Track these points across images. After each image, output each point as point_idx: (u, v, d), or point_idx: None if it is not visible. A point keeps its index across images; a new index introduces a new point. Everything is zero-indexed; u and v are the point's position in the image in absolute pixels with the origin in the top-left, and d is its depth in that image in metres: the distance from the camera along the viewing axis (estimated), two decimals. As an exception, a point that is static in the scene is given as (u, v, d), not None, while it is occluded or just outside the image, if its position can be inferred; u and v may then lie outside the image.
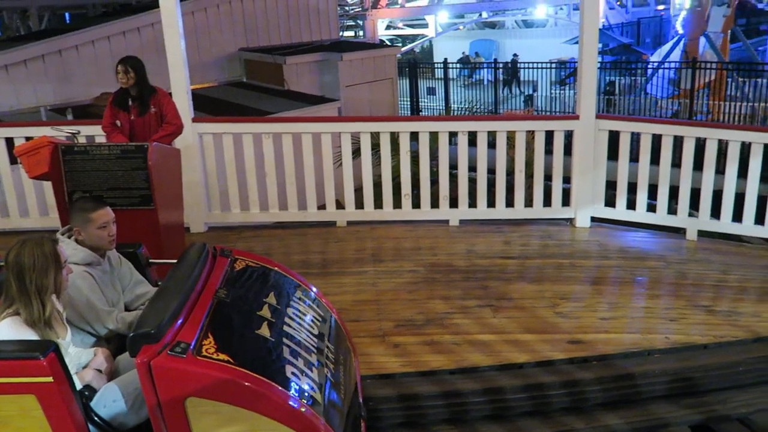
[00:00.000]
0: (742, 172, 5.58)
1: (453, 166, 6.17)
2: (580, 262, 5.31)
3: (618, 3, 32.33)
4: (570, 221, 6.21)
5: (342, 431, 2.43)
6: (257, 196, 6.13)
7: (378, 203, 6.24)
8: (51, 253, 2.51)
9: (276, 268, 3.01)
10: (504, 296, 4.66)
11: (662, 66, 18.54)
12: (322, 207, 6.25)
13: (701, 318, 4.32)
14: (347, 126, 6.28)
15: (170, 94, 5.35)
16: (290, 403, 2.22)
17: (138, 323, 2.29)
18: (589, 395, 3.66)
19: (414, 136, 6.21)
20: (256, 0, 12.53)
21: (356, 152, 6.25)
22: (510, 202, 6.20)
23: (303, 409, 2.24)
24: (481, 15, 28.52)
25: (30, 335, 2.43)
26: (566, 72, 19.98)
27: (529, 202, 6.24)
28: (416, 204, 6.29)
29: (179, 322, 2.32)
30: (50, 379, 2.16)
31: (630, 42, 25.87)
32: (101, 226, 3.00)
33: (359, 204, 6.23)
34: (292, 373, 2.34)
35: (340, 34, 16.16)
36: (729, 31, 20.70)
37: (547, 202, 6.17)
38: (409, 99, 18.31)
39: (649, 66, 19.80)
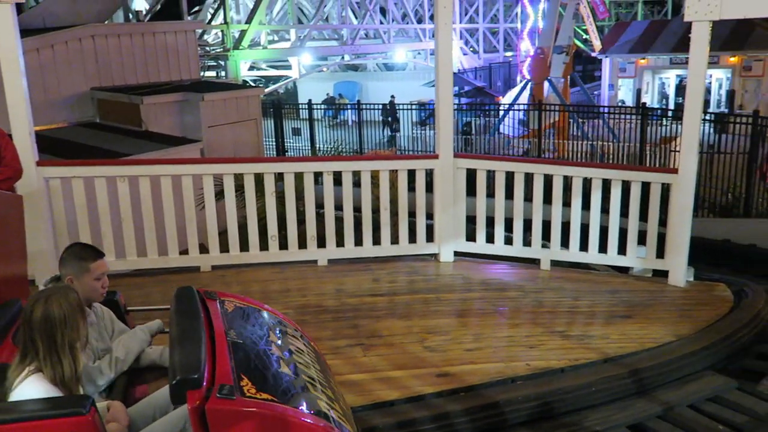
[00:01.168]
0: (586, 204, 6.07)
1: (319, 206, 6.18)
2: (445, 296, 5.47)
3: (471, 49, 34.48)
4: (435, 256, 6.40)
5: None
6: (113, 244, 5.76)
7: (244, 246, 6.08)
8: (77, 303, 2.38)
9: (259, 307, 3.05)
10: (374, 334, 4.67)
11: (513, 108, 19.92)
12: (184, 252, 5.99)
13: (558, 343, 4.58)
14: (209, 168, 6.10)
15: (10, 135, 4.93)
16: None
17: (174, 370, 2.22)
18: (458, 427, 3.73)
19: (280, 177, 6.16)
20: (109, 38, 12.00)
21: (220, 194, 6.09)
22: (377, 240, 6.30)
23: None
24: (343, 58, 29.21)
25: (55, 393, 2.26)
26: (426, 113, 20.85)
27: (395, 240, 6.36)
28: (283, 245, 6.20)
29: (208, 366, 2.30)
30: None
31: (483, 85, 27.62)
32: (97, 278, 2.87)
33: (224, 247, 6.04)
34: (324, 407, 2.40)
35: (202, 74, 15.83)
36: (568, 77, 22.72)
37: (413, 238, 6.33)
38: (274, 140, 18.22)
39: (501, 108, 21.19)
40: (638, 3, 43.11)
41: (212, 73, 24.75)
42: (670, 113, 18.87)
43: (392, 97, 23.63)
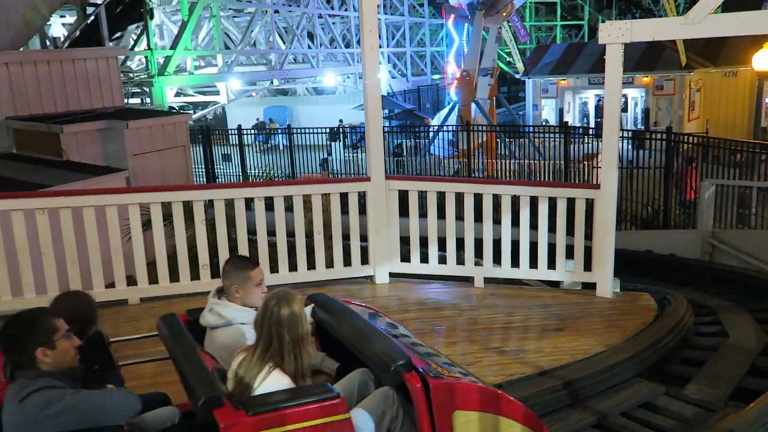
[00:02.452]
0: (516, 221, 6.22)
1: (252, 232, 6.08)
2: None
3: (399, 72, 35.02)
4: (370, 278, 6.40)
5: None
6: (32, 279, 5.48)
7: (174, 276, 5.91)
8: (300, 302, 2.67)
9: (349, 304, 3.30)
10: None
11: (442, 129, 20.29)
12: (111, 285, 5.76)
13: (494, 359, 4.64)
14: (135, 197, 5.92)
15: None
16: (519, 404, 2.72)
17: (385, 358, 2.54)
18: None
19: (210, 204, 6.03)
20: (24, 65, 11.51)
21: (147, 224, 5.90)
22: (311, 265, 6.24)
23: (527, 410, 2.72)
24: (272, 82, 29.09)
25: (292, 386, 2.54)
26: (357, 136, 20.97)
27: (330, 263, 6.33)
28: (215, 274, 6.05)
29: None
30: (347, 415, 2.38)
31: (413, 107, 28.02)
32: (257, 284, 3.11)
33: (153, 278, 5.85)
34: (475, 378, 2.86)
35: (125, 101, 15.41)
36: (494, 98, 23.38)
37: (347, 261, 6.31)
38: (203, 166, 17.89)
39: (431, 129, 21.54)
40: (557, 27, 44.97)
41: (137, 100, 24.12)
42: (591, 131, 19.70)
43: (340, 120, 23.77)
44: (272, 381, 2.51)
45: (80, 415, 2.47)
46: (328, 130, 20.01)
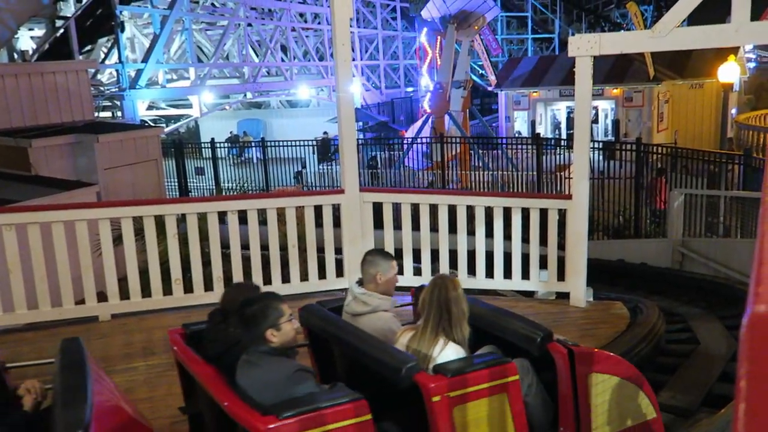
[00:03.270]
0: (490, 232, 6.26)
1: (225, 246, 6.03)
2: (357, 331, 5.43)
3: (373, 85, 35.18)
4: (345, 291, 6.36)
5: None
6: (-1, 297, 5.36)
7: (146, 291, 5.82)
8: (460, 285, 3.19)
9: None
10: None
11: (416, 141, 20.40)
12: (81, 302, 5.66)
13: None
14: (105, 211, 5.82)
15: None
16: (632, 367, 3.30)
17: (528, 332, 3.08)
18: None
19: (183, 218, 5.97)
20: (-9, 79, 11.33)
21: (118, 239, 5.82)
22: (286, 278, 6.20)
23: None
24: (245, 95, 29.01)
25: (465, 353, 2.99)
26: (332, 148, 20.99)
27: (304, 276, 6.29)
28: (189, 288, 5.99)
29: None
30: (516, 377, 2.74)
31: (387, 120, 28.17)
32: (396, 273, 3.58)
33: (124, 294, 5.76)
34: None
35: (96, 114, 15.23)
36: (467, 110, 23.61)
37: (322, 274, 6.28)
38: (176, 180, 17.72)
39: (405, 141, 21.65)
40: (528, 40, 45.65)
41: (108, 114, 23.87)
42: (562, 143, 19.97)
43: (325, 133, 23.76)
44: (452, 350, 2.97)
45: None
46: (315, 143, 19.96)
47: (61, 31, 17.38)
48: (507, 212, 6.22)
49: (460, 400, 2.60)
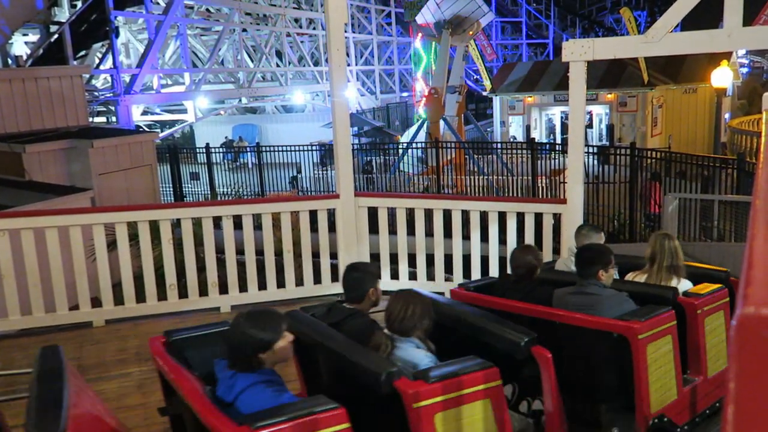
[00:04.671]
0: (485, 236, 6.27)
1: (220, 251, 6.02)
2: (353, 336, 5.42)
3: (368, 90, 35.23)
4: (341, 296, 6.36)
5: None
6: (-8, 303, 5.34)
7: (141, 297, 5.81)
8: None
9: None
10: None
11: (411, 146, 20.42)
12: (75, 307, 5.64)
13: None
14: (99, 217, 5.82)
15: None
16: None
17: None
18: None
19: (178, 223, 5.96)
20: (-15, 84, 11.31)
21: (113, 244, 5.80)
22: (281, 283, 6.19)
23: None
24: (240, 100, 29.01)
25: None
26: (326, 153, 20.99)
27: (300, 281, 6.29)
28: (183, 294, 5.98)
29: None
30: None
31: (382, 125, 28.18)
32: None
33: (119, 300, 5.74)
34: None
35: (91, 120, 15.20)
36: (462, 115, 23.65)
37: (318, 279, 6.28)
38: (171, 185, 17.70)
39: (400, 146, 21.67)
40: (522, 45, 45.81)
41: (102, 119, 23.83)
42: (557, 147, 20.02)
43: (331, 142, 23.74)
44: (689, 283, 4.08)
45: None
46: (322, 148, 19.97)
47: (56, 36, 17.35)
48: (502, 217, 6.23)
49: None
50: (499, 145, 20.99)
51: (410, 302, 3.07)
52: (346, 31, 6.23)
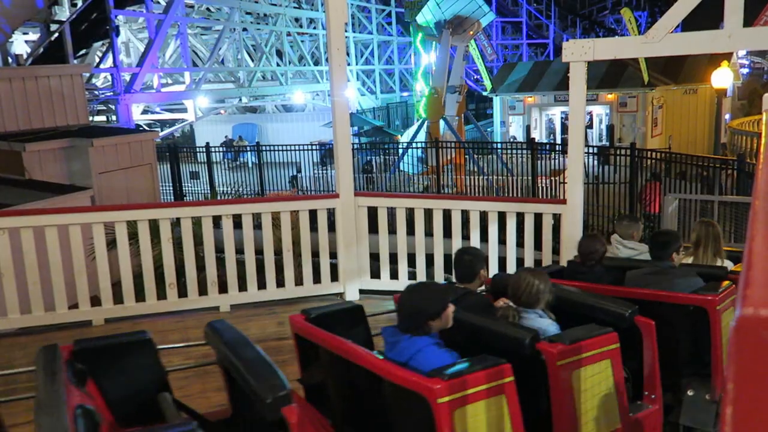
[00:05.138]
0: (485, 236, 6.27)
1: (220, 250, 6.02)
2: (352, 335, 5.42)
3: (368, 90, 35.22)
4: (340, 296, 6.37)
5: None
6: (-8, 301, 5.34)
7: (140, 296, 5.81)
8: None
9: None
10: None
11: (411, 146, 20.41)
12: (74, 306, 5.64)
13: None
14: (99, 215, 5.83)
15: None
16: None
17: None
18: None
19: (178, 222, 5.96)
20: (-15, 83, 11.30)
21: (112, 243, 5.80)
22: (281, 282, 6.19)
23: None
24: (240, 100, 29.01)
25: None
26: (325, 152, 21.00)
27: (299, 281, 6.29)
28: (183, 293, 5.98)
29: None
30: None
31: (382, 124, 28.18)
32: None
33: (118, 299, 5.74)
34: None
35: (91, 119, 15.19)
36: (462, 115, 23.64)
37: (317, 278, 6.27)
38: (171, 184, 17.69)
39: (400, 146, 21.67)
40: (523, 45, 45.80)
41: (102, 118, 23.82)
42: (557, 147, 20.02)
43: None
44: (729, 262, 4.56)
45: None
46: (322, 148, 19.96)
47: (56, 35, 17.33)
48: (502, 217, 6.23)
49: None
50: (499, 145, 20.98)
51: (536, 278, 3.45)
52: (346, 31, 6.23)
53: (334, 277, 6.32)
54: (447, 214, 6.32)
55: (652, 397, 3.47)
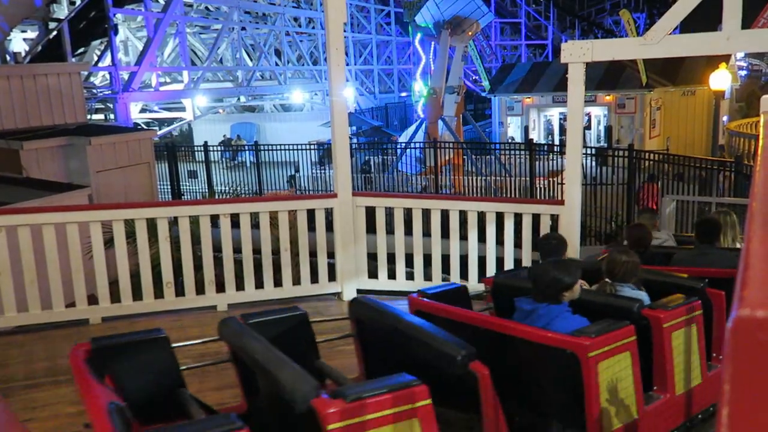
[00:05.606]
0: (482, 237, 6.27)
1: (217, 249, 6.01)
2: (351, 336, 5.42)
3: (366, 90, 35.22)
4: (338, 295, 6.37)
5: None
6: (-12, 299, 5.33)
7: (137, 295, 5.80)
8: None
9: None
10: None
11: (409, 146, 20.43)
12: (71, 305, 5.63)
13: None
14: (96, 214, 5.81)
15: None
16: None
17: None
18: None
19: (175, 221, 5.96)
20: (-18, 80, 11.28)
21: (110, 242, 5.79)
22: (278, 282, 6.19)
23: None
24: (239, 99, 28.99)
25: None
26: (323, 152, 21.00)
27: (297, 280, 6.28)
28: (180, 292, 5.97)
29: None
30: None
31: (380, 124, 28.18)
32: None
33: (115, 298, 5.73)
34: None
35: (89, 117, 15.16)
36: (461, 115, 23.66)
37: (315, 278, 6.27)
38: (169, 183, 17.68)
39: (398, 146, 21.68)
40: (521, 46, 45.83)
41: (100, 117, 23.79)
42: (555, 148, 20.04)
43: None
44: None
45: None
46: (320, 147, 19.95)
47: (54, 33, 17.32)
48: (500, 217, 6.23)
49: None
50: (497, 146, 21.00)
51: (630, 256, 3.84)
52: (345, 31, 6.23)
53: (332, 276, 6.32)
54: (445, 215, 6.32)
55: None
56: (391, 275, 6.41)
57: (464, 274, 6.33)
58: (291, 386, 2.39)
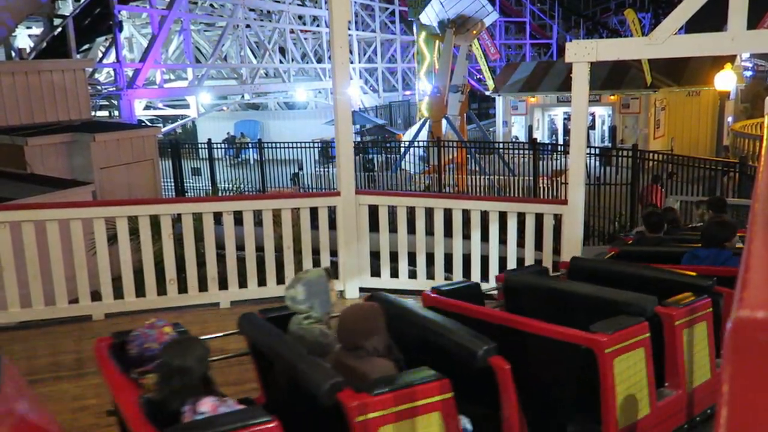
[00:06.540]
0: (485, 236, 6.26)
1: (220, 247, 6.02)
2: (351, 333, 5.43)
3: (370, 88, 35.20)
4: (340, 293, 6.37)
5: None
6: (-8, 295, 5.34)
7: (140, 291, 5.81)
8: None
9: None
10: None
11: (413, 145, 20.40)
12: (74, 301, 5.64)
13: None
14: (100, 210, 5.82)
15: None
16: None
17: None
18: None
19: (179, 218, 5.97)
20: (-13, 76, 11.31)
21: (113, 238, 5.81)
22: (281, 279, 6.19)
23: None
24: (243, 96, 28.99)
25: None
26: (329, 151, 21.01)
27: (299, 278, 6.27)
28: (183, 289, 5.98)
29: None
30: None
31: (384, 123, 28.17)
32: None
33: (118, 294, 5.74)
34: None
35: (93, 114, 15.19)
36: (465, 114, 23.62)
37: (317, 276, 6.26)
38: (172, 180, 17.70)
39: (402, 145, 21.66)
40: (526, 45, 45.76)
41: (105, 113, 23.83)
42: (559, 148, 20.02)
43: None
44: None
45: None
46: (323, 145, 19.94)
47: (59, 29, 17.33)
48: (503, 217, 6.22)
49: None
50: (501, 145, 20.97)
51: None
52: (349, 29, 6.22)
53: (335, 274, 6.31)
54: (448, 213, 6.32)
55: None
56: (394, 273, 6.41)
57: (467, 272, 6.32)
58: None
